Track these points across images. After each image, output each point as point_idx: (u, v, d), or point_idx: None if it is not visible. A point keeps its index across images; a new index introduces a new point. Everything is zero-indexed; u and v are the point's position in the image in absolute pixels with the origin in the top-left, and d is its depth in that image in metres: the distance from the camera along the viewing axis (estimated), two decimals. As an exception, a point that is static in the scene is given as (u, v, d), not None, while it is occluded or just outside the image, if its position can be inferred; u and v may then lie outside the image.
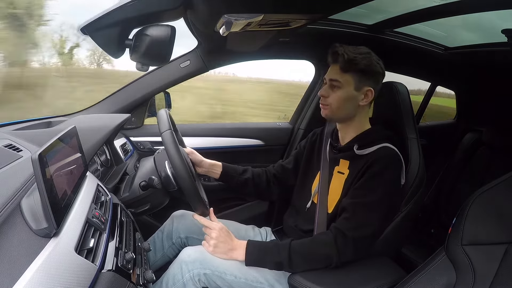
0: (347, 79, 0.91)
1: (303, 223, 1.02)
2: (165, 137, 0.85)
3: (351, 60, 0.88)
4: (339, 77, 0.91)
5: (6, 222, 0.50)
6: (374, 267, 0.92)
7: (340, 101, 0.92)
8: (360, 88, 0.91)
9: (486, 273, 0.62)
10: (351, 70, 0.90)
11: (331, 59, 0.93)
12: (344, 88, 0.91)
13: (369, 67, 0.90)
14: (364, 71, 0.90)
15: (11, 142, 0.78)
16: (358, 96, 0.92)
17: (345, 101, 0.92)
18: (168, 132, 0.86)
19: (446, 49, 1.55)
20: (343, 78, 0.91)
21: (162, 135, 0.86)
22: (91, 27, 0.72)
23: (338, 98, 0.92)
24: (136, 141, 1.43)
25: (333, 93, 0.93)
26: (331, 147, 1.04)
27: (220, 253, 0.88)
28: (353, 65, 0.89)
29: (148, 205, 0.99)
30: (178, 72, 1.38)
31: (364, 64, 0.89)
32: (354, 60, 0.88)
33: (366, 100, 0.93)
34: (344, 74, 0.90)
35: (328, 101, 0.94)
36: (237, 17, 0.77)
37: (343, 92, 0.92)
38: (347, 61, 0.89)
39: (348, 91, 0.91)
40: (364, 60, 0.89)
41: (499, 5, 0.96)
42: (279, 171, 1.15)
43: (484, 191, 0.69)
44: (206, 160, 1.10)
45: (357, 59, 0.88)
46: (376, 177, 0.88)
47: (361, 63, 0.89)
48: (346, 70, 0.90)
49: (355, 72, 0.90)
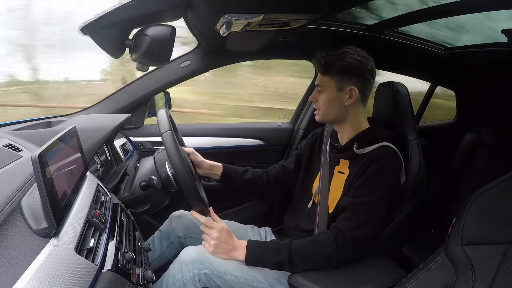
0: (327, 81, 0.94)
1: (304, 223, 1.02)
2: (165, 138, 0.85)
3: (327, 63, 0.92)
4: (320, 81, 0.96)
5: (6, 222, 0.50)
6: (374, 267, 0.92)
7: (326, 104, 0.96)
8: (342, 88, 0.93)
9: (486, 273, 0.62)
10: (328, 72, 0.93)
11: (314, 66, 0.96)
12: (326, 91, 0.95)
13: (346, 66, 0.91)
14: (341, 71, 0.91)
15: (11, 142, 0.78)
16: (342, 96, 0.94)
17: (329, 103, 0.95)
18: (168, 133, 0.86)
19: (446, 49, 1.55)
20: (323, 82, 0.95)
21: (162, 136, 0.86)
22: (91, 27, 0.72)
23: (323, 102, 0.96)
24: (136, 141, 1.43)
25: (320, 97, 0.97)
26: (331, 147, 1.04)
27: (220, 253, 0.88)
28: (328, 68, 0.93)
29: (148, 205, 0.99)
30: (178, 72, 1.38)
31: (340, 65, 0.91)
32: (329, 63, 0.92)
33: (351, 100, 0.93)
34: (324, 77, 0.95)
35: (318, 106, 0.98)
36: (237, 17, 0.76)
37: (326, 95, 0.95)
38: (323, 65, 0.93)
39: (330, 92, 0.94)
40: (340, 60, 0.91)
41: (499, 5, 0.96)
42: (280, 172, 1.15)
43: (484, 191, 0.69)
44: (207, 161, 1.09)
45: (332, 61, 0.92)
46: (375, 177, 0.88)
47: (337, 64, 0.91)
48: (325, 73, 0.94)
49: (333, 74, 0.93)
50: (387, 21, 1.29)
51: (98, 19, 0.71)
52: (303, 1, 0.77)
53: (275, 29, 0.94)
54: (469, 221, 0.68)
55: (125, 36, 0.78)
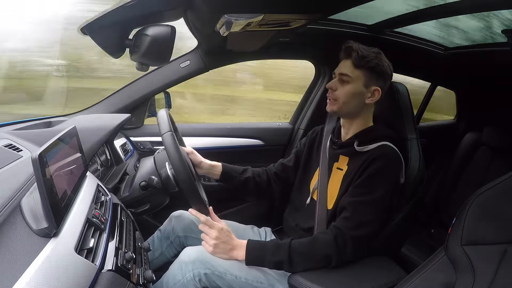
0: (358, 74, 0.92)
1: (303, 221, 1.02)
2: (165, 138, 0.85)
3: (364, 56, 0.90)
4: (350, 71, 0.92)
5: (6, 222, 0.50)
6: (374, 267, 0.92)
7: (348, 96, 0.93)
8: (368, 86, 0.93)
9: (486, 273, 0.62)
10: (363, 66, 0.91)
11: (343, 54, 0.94)
12: (353, 83, 0.92)
13: (380, 67, 0.92)
14: (374, 69, 0.91)
15: (11, 142, 0.78)
16: (365, 93, 0.93)
17: (353, 96, 0.94)
18: (169, 133, 0.86)
19: (446, 49, 1.55)
20: (354, 73, 0.92)
21: (162, 137, 0.86)
22: (91, 27, 0.72)
23: (346, 93, 0.93)
24: (136, 141, 1.43)
25: (341, 87, 0.94)
26: (332, 143, 1.04)
27: (220, 253, 0.88)
28: (365, 62, 0.91)
29: (148, 205, 0.99)
30: (178, 72, 1.38)
31: (375, 63, 0.91)
32: (367, 57, 0.90)
33: (373, 99, 0.94)
34: (355, 70, 0.92)
35: (336, 95, 0.95)
36: (237, 17, 0.77)
37: (352, 87, 0.93)
38: (361, 57, 0.90)
39: (357, 86, 0.93)
40: (376, 59, 0.91)
41: (499, 5, 0.96)
42: (280, 169, 1.16)
43: (484, 191, 0.69)
44: (206, 161, 1.09)
45: (370, 56, 0.90)
46: (375, 176, 0.88)
47: (372, 61, 0.91)
48: (358, 66, 0.91)
49: (366, 69, 0.91)
50: (387, 21, 1.29)
51: (98, 19, 0.71)
52: (303, 1, 0.77)
53: (275, 29, 0.94)
54: (469, 221, 0.68)
55: (125, 36, 0.78)
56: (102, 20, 0.71)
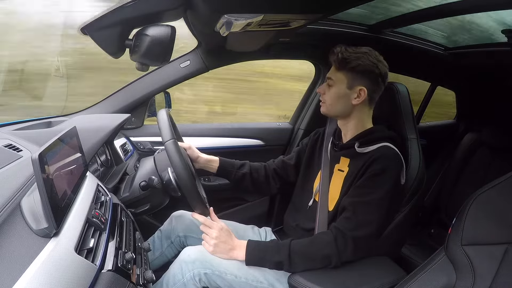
0: (340, 77, 0.94)
1: (304, 221, 1.02)
2: (168, 147, 0.85)
3: (344, 59, 0.92)
4: (333, 75, 0.95)
5: (6, 222, 0.50)
6: (374, 267, 0.92)
7: (333, 98, 0.96)
8: (352, 86, 0.93)
9: (486, 273, 0.62)
10: (343, 68, 0.93)
11: (330, 58, 0.96)
12: (336, 86, 0.95)
13: (362, 66, 0.91)
14: (356, 70, 0.92)
15: (11, 142, 0.78)
16: (350, 94, 0.94)
17: (337, 98, 0.95)
18: (171, 141, 0.85)
19: (446, 49, 1.55)
20: (336, 76, 0.95)
21: (165, 145, 0.85)
22: (91, 27, 0.72)
23: (331, 95, 0.96)
24: (136, 141, 1.42)
25: (328, 91, 0.97)
26: (333, 145, 1.04)
27: (220, 253, 0.88)
28: (345, 64, 0.92)
29: (148, 205, 0.99)
30: (178, 72, 1.38)
31: (357, 63, 0.91)
32: (347, 59, 0.92)
33: (359, 99, 0.94)
34: (337, 72, 0.94)
35: (324, 98, 0.99)
36: (237, 17, 0.76)
37: (336, 90, 0.95)
38: (340, 60, 0.93)
39: (340, 88, 0.94)
40: (358, 59, 0.91)
41: (499, 5, 0.96)
42: (280, 166, 1.16)
43: (484, 191, 0.69)
44: (203, 156, 1.10)
45: (350, 58, 0.91)
46: (376, 177, 0.88)
47: (353, 62, 0.91)
48: (339, 69, 0.94)
49: (347, 70, 0.93)
50: (387, 21, 1.29)
51: (98, 19, 0.71)
52: (303, 1, 0.77)
53: (275, 29, 0.94)
54: (469, 221, 0.68)
55: (125, 36, 0.78)
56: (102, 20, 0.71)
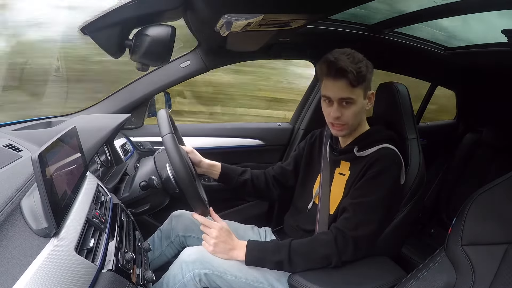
0: (358, 92, 0.87)
1: (305, 223, 1.02)
2: (166, 140, 0.85)
3: (361, 76, 0.85)
4: (350, 93, 0.86)
5: (6, 222, 0.50)
6: (374, 267, 0.92)
7: (356, 116, 0.90)
8: (366, 95, 0.91)
9: (486, 273, 0.62)
10: (361, 84, 0.86)
11: (334, 74, 0.86)
12: (357, 103, 0.88)
13: (370, 73, 0.89)
14: (368, 78, 0.89)
15: (11, 142, 0.78)
16: (366, 103, 0.92)
17: (359, 113, 0.91)
18: (169, 135, 0.86)
19: (446, 49, 1.55)
20: (355, 94, 0.87)
21: (163, 138, 0.86)
22: (91, 27, 0.72)
23: (353, 114, 0.89)
24: (136, 141, 1.43)
25: (346, 111, 0.88)
26: (331, 149, 1.03)
27: (220, 252, 0.88)
28: (362, 80, 0.86)
29: (148, 205, 0.99)
30: (178, 72, 1.38)
31: (367, 70, 0.87)
32: (361, 72, 0.85)
33: (370, 103, 0.94)
34: (354, 89, 0.86)
35: (343, 120, 0.89)
36: (237, 17, 0.77)
37: (357, 106, 0.88)
38: (356, 78, 0.84)
39: (360, 103, 0.89)
40: (365, 67, 0.87)
41: (499, 5, 0.96)
42: (279, 173, 1.15)
43: (484, 191, 0.69)
44: (205, 161, 1.09)
45: (362, 70, 0.85)
46: (376, 178, 0.88)
47: (363, 71, 0.86)
48: (357, 85, 0.86)
49: (363, 82, 0.87)
50: (387, 21, 1.29)
51: (98, 19, 0.71)
52: (303, 1, 0.77)
53: (275, 29, 0.94)
54: (469, 221, 0.68)
55: (125, 36, 0.78)
56: (102, 20, 0.71)
